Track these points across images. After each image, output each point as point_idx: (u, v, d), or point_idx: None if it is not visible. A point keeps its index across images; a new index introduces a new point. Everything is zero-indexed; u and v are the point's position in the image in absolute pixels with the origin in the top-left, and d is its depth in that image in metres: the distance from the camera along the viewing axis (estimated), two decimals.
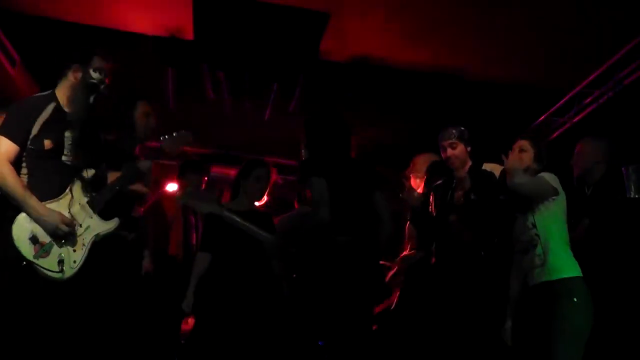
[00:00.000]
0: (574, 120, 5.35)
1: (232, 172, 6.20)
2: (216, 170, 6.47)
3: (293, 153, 6.66)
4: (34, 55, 5.17)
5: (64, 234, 2.58)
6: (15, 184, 2.51)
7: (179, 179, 4.60)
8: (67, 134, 2.69)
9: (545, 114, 5.55)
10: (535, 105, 5.48)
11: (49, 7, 4.62)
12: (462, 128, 3.57)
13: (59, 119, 2.68)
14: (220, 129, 6.11)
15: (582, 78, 5.07)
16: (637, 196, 3.48)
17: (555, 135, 5.55)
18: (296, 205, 4.84)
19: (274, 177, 3.70)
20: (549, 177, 2.85)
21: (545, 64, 4.95)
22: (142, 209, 3.77)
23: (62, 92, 2.75)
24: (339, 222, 3.05)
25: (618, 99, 4.86)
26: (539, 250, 2.79)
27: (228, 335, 3.21)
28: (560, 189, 2.83)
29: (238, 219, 3.33)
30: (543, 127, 5.59)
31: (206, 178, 4.59)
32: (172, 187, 4.79)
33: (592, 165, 3.52)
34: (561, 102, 5.38)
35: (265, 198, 4.62)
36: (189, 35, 4.80)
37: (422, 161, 4.08)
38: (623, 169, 3.63)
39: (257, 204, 3.68)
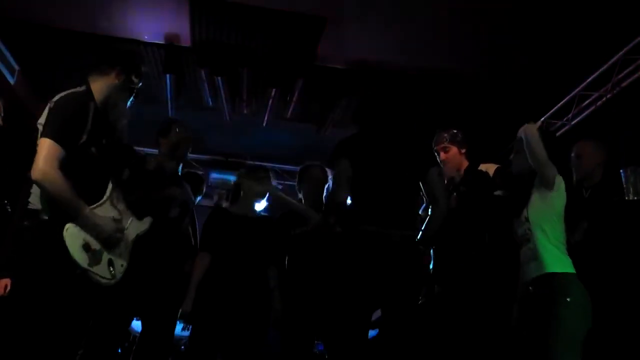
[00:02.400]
0: (573, 123, 5.34)
1: (232, 178, 6.22)
2: (215, 176, 6.49)
3: (292, 158, 6.69)
4: (34, 64, 5.19)
5: (117, 240, 2.52)
6: (69, 192, 2.37)
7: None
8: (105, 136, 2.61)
9: (544, 116, 5.55)
10: (534, 107, 5.48)
11: (48, 15, 4.64)
12: (455, 130, 3.57)
13: (98, 121, 2.54)
14: (219, 134, 6.12)
15: (580, 80, 5.07)
16: (635, 198, 3.47)
17: None
18: None
19: (274, 182, 3.72)
20: (558, 176, 2.82)
21: (544, 66, 4.95)
22: None
23: (99, 91, 2.59)
24: (367, 209, 2.71)
25: (616, 101, 4.86)
26: (531, 244, 2.77)
27: (223, 338, 3.24)
28: (559, 188, 2.81)
29: (288, 198, 3.39)
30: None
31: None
32: None
33: (591, 168, 3.51)
34: (559, 104, 5.38)
35: (264, 202, 4.59)
36: (187, 41, 4.82)
37: None
38: (621, 171, 3.62)
39: (257, 207, 3.69)
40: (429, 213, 2.87)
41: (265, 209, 6.15)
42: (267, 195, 3.67)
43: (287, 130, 6.13)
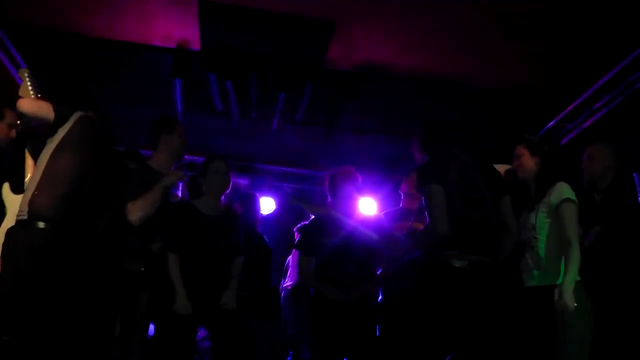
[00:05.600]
0: (584, 126, 5.30)
1: (240, 182, 6.24)
2: None
3: (301, 162, 6.69)
4: (44, 68, 5.22)
5: None
6: None
7: None
8: None
9: (555, 119, 5.51)
10: (545, 110, 5.45)
11: (58, 20, 4.67)
12: None
13: None
14: (228, 138, 6.13)
15: (591, 82, 5.03)
16: None
17: (565, 140, 5.50)
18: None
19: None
20: (565, 189, 2.77)
21: (554, 69, 4.91)
22: None
23: None
24: (459, 239, 2.68)
25: (628, 104, 4.81)
26: (534, 253, 2.75)
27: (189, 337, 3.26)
28: (575, 198, 2.76)
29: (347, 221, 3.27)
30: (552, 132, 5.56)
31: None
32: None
33: (602, 171, 3.47)
34: (571, 107, 5.33)
35: (273, 205, 4.52)
36: (196, 46, 4.83)
37: None
38: (635, 174, 3.58)
39: (264, 210, 3.69)
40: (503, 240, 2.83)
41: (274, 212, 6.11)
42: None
43: (297, 134, 6.12)
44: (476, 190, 2.79)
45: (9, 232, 2.66)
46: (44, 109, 2.74)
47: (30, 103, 2.74)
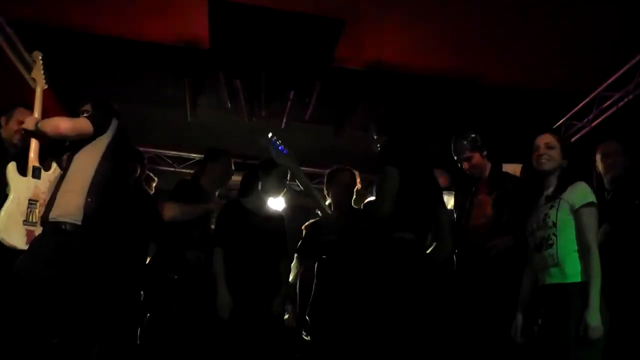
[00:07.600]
0: (593, 124, 5.28)
1: None
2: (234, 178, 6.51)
3: (310, 160, 6.70)
4: (56, 69, 5.25)
5: None
6: None
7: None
8: None
9: (564, 118, 5.50)
10: (554, 108, 5.43)
11: (70, 20, 4.70)
12: (472, 136, 3.55)
13: None
14: (237, 136, 6.15)
15: (601, 80, 5.01)
16: None
17: (574, 139, 5.49)
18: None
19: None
20: (587, 190, 2.73)
21: (564, 67, 4.90)
22: None
23: None
24: (406, 218, 2.77)
25: (638, 102, 4.79)
26: (553, 250, 2.69)
27: (235, 328, 3.29)
28: (595, 199, 2.71)
29: (310, 185, 3.20)
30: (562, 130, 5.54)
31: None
32: None
33: (612, 170, 3.46)
34: (580, 105, 5.32)
35: (283, 202, 4.52)
36: (205, 44, 4.85)
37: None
38: None
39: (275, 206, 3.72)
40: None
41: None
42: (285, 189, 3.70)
43: (306, 132, 6.13)
44: (427, 178, 2.94)
45: (51, 234, 2.74)
46: (83, 127, 2.83)
47: (67, 125, 2.81)
